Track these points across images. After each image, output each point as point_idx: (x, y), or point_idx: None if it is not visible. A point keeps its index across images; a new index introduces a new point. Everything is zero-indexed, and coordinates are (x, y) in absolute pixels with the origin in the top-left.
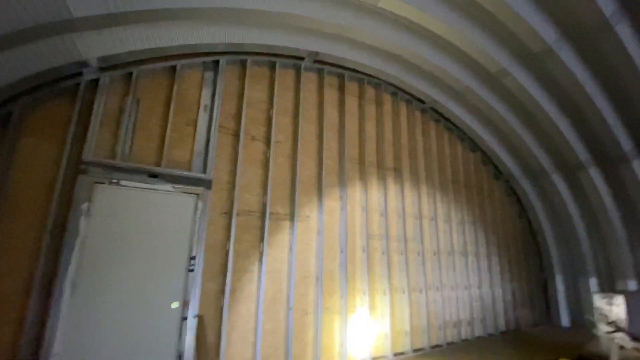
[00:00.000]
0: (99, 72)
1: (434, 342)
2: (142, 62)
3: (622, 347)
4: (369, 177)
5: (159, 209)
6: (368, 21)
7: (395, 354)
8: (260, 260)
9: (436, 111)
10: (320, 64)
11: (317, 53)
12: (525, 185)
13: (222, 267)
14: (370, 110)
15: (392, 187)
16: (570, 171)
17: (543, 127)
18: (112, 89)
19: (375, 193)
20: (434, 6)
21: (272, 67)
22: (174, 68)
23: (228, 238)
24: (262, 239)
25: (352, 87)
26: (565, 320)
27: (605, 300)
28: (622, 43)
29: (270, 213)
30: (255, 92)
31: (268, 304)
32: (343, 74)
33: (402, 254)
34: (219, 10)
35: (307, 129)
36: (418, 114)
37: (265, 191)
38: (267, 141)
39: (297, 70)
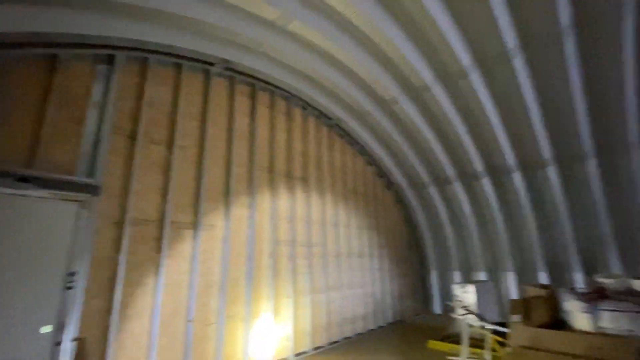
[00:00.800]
0: None
1: (333, 339)
2: (11, 46)
3: (471, 326)
4: (278, 186)
5: (30, 218)
6: (279, 39)
7: (297, 354)
8: (157, 273)
9: (341, 127)
10: (232, 71)
11: (227, 61)
12: (410, 195)
13: (110, 282)
14: (281, 121)
15: (300, 196)
16: (442, 184)
17: (423, 147)
18: None
19: (283, 201)
20: (337, 36)
21: (178, 68)
22: (55, 57)
23: (118, 250)
24: (160, 250)
25: (263, 97)
26: (438, 308)
27: (461, 289)
28: (473, 87)
29: (171, 222)
30: (158, 92)
31: (166, 318)
32: (254, 83)
33: (306, 258)
34: (123, 4)
35: (216, 135)
36: (325, 128)
37: (165, 199)
38: (170, 145)
39: (207, 75)
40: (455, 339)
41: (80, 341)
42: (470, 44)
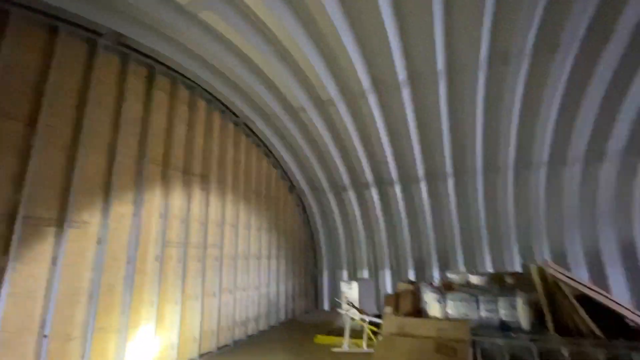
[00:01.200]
0: None
1: (222, 343)
2: None
3: (353, 319)
4: (172, 182)
5: None
6: (188, 26)
7: None
8: (0, 280)
9: (248, 126)
10: (127, 47)
11: (121, 35)
12: (310, 199)
13: None
14: (183, 112)
15: (198, 194)
16: (338, 191)
17: (324, 156)
18: None
19: (178, 199)
20: (251, 36)
21: (53, 32)
22: None
23: None
24: (6, 251)
25: (163, 83)
26: (327, 304)
27: (346, 285)
28: (370, 108)
29: (26, 217)
30: (20, 56)
31: (9, 336)
32: (153, 66)
33: (200, 260)
34: None
35: (99, 118)
36: (231, 126)
37: (20, 188)
38: (33, 123)
39: (92, 46)
40: (339, 332)
41: None
42: (370, 69)
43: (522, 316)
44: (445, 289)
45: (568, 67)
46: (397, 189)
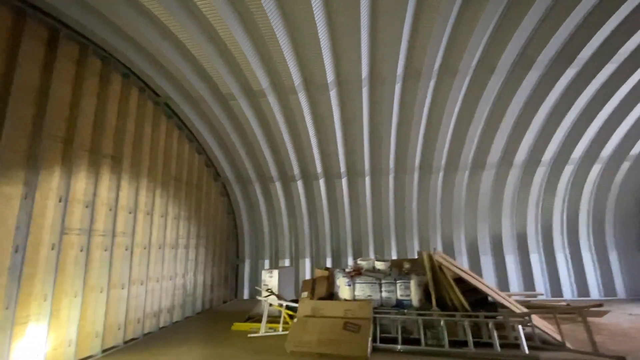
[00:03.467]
0: None
1: (130, 337)
2: None
3: (271, 305)
4: (77, 162)
5: None
6: None
7: None
8: None
9: (170, 107)
10: (22, 2)
11: None
12: (236, 188)
13: None
14: (93, 84)
15: (107, 177)
16: (265, 182)
17: (252, 146)
18: None
19: (82, 181)
20: (180, 14)
21: None
22: None
23: None
24: None
25: (70, 49)
26: (247, 294)
27: (267, 274)
28: (299, 105)
29: None
30: None
31: None
32: (58, 28)
33: (107, 249)
34: None
35: None
36: (150, 105)
37: None
38: None
39: None
40: (257, 319)
41: None
42: (301, 68)
43: (414, 295)
44: (355, 274)
45: (463, 90)
46: (322, 184)
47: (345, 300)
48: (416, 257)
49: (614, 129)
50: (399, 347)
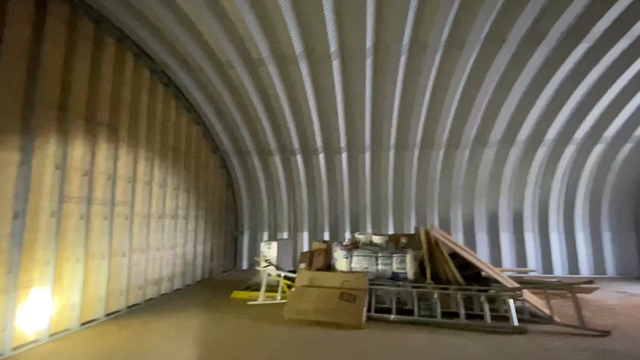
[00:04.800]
0: None
1: (132, 302)
2: None
3: (269, 275)
4: (72, 129)
5: None
6: None
7: (84, 323)
8: None
9: (167, 75)
10: None
11: None
12: (235, 161)
13: None
14: (86, 48)
15: (104, 146)
16: (264, 155)
17: (251, 118)
18: None
19: (79, 149)
20: None
21: None
22: None
23: None
24: None
25: (59, 10)
26: (245, 264)
27: (266, 245)
28: (301, 75)
29: None
30: None
31: None
32: None
33: (106, 218)
34: None
35: None
36: (147, 72)
37: None
38: None
39: None
40: (256, 288)
41: None
42: (304, 37)
43: (409, 269)
44: (352, 247)
45: (469, 65)
46: (321, 158)
47: (342, 272)
48: (413, 232)
49: (621, 108)
50: (392, 316)
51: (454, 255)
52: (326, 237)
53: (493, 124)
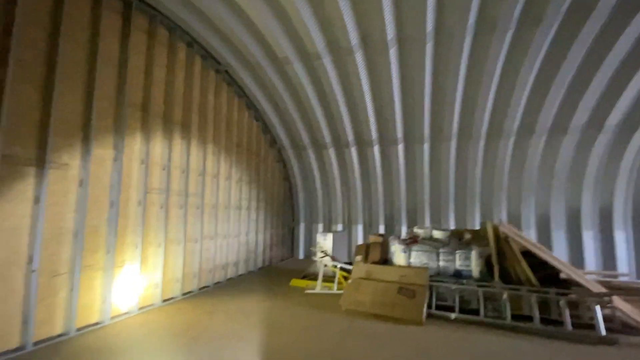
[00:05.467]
0: None
1: (203, 284)
2: None
3: (326, 265)
4: (153, 128)
5: None
6: None
7: (165, 300)
8: None
9: (230, 75)
10: None
11: None
12: (291, 154)
13: None
14: (162, 54)
15: (179, 142)
16: (319, 149)
17: (307, 112)
18: None
19: (159, 146)
20: None
21: None
22: None
23: None
24: None
25: (141, 20)
26: (302, 254)
27: (322, 237)
28: (356, 66)
29: (4, 155)
30: None
31: None
32: (130, 0)
33: (181, 207)
34: None
35: (72, 54)
36: (212, 73)
37: None
38: (3, 57)
39: None
40: (313, 277)
41: None
42: (360, 26)
43: (474, 266)
44: (411, 241)
45: (547, 42)
46: (376, 150)
47: (400, 266)
48: (477, 228)
49: None
50: (453, 315)
51: (527, 254)
52: (381, 230)
53: (576, 106)
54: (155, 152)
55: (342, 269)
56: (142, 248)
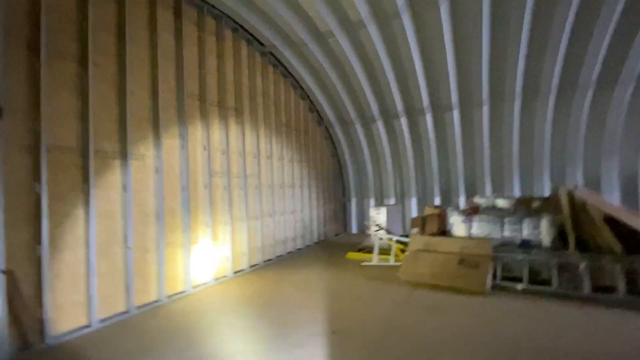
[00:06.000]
0: None
1: (267, 257)
2: None
3: (381, 239)
4: (210, 116)
5: None
6: None
7: (235, 272)
8: (87, 203)
9: (275, 56)
10: None
11: None
12: (338, 131)
13: (32, 213)
14: (211, 43)
15: (234, 127)
16: (366, 123)
17: (353, 86)
18: None
19: (217, 132)
20: None
21: None
22: None
23: (37, 179)
24: (86, 180)
25: (190, 13)
26: (354, 228)
27: (375, 211)
28: (404, 31)
29: (96, 150)
30: None
31: (102, 247)
32: None
33: (242, 188)
34: None
35: (137, 53)
36: (258, 56)
37: (86, 124)
38: (83, 62)
39: None
40: (368, 250)
41: (8, 273)
42: None
43: (545, 235)
44: (472, 212)
45: None
46: (428, 118)
47: (460, 237)
48: (546, 195)
49: None
50: (519, 285)
51: (609, 221)
52: (437, 202)
53: None
54: (214, 138)
55: (398, 241)
56: (212, 226)
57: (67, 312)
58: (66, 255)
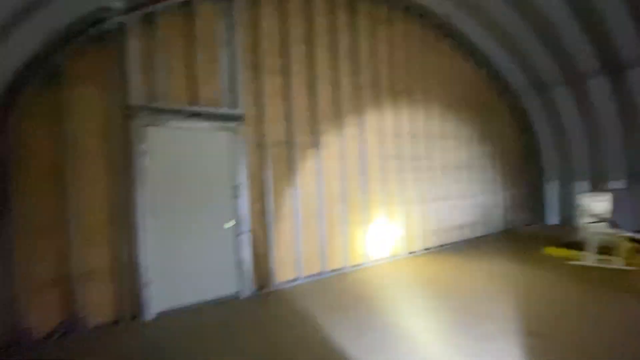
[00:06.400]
0: (123, 15)
1: (441, 242)
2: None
3: (600, 234)
4: (382, 101)
5: (202, 145)
6: None
7: (410, 252)
8: (294, 185)
9: (448, 27)
10: None
11: None
12: (531, 99)
13: (262, 192)
14: (382, 31)
15: (405, 110)
16: (574, 83)
17: (554, 33)
18: (138, 32)
19: (389, 117)
20: None
21: None
22: (188, 3)
23: (263, 167)
24: (292, 166)
25: (363, 7)
26: (554, 219)
27: (591, 198)
28: None
29: (297, 142)
30: (267, 19)
31: (303, 220)
32: None
33: (414, 171)
34: None
35: (321, 56)
36: (430, 30)
37: (289, 122)
38: (286, 73)
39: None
40: (573, 247)
41: (253, 232)
42: None
43: None
44: None
45: None
46: None
47: None
48: None
49: None
50: None
51: None
52: None
53: None
54: (386, 123)
55: (632, 239)
56: (387, 207)
57: (283, 267)
58: (282, 224)
